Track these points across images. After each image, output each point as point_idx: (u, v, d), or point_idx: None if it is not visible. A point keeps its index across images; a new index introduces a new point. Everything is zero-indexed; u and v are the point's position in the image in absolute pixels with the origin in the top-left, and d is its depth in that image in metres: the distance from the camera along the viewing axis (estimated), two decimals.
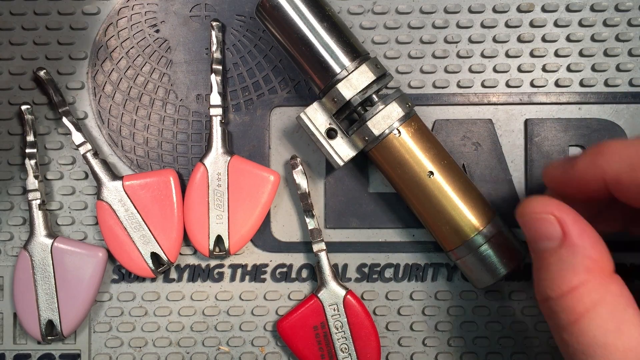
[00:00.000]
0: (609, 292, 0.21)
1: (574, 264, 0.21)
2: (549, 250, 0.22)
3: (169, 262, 0.30)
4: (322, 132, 0.28)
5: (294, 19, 0.27)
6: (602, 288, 0.21)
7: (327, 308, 0.30)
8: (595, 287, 0.21)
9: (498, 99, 0.31)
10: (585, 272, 0.21)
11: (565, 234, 0.21)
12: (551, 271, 0.21)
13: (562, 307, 0.21)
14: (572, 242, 0.21)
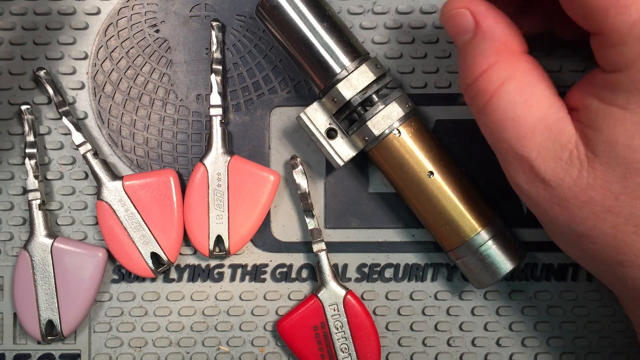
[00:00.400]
0: (517, 70, 0.22)
1: (484, 50, 0.22)
2: (466, 42, 0.23)
3: (169, 262, 0.30)
4: (322, 132, 0.28)
5: (294, 19, 0.27)
6: (510, 66, 0.22)
7: (327, 308, 0.30)
8: (504, 66, 0.22)
9: None
10: (494, 54, 0.22)
11: (477, 24, 0.22)
12: (467, 61, 0.23)
13: (476, 91, 0.23)
14: (482, 30, 0.22)
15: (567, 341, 0.31)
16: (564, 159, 0.21)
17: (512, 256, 0.27)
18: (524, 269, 0.31)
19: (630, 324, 0.28)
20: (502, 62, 0.22)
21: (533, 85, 0.22)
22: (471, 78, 0.23)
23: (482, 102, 0.23)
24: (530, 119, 0.22)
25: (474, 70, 0.23)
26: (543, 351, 0.31)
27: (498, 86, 0.22)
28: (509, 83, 0.22)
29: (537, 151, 0.22)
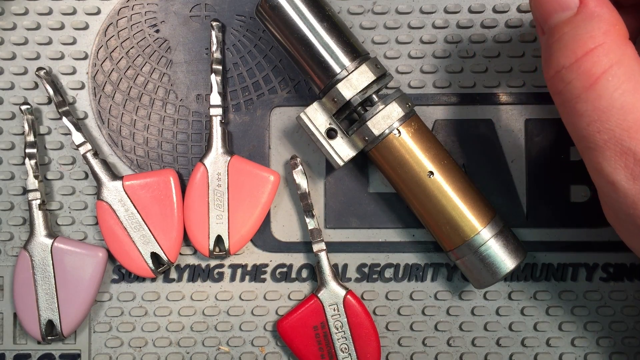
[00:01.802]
0: (626, 54, 0.20)
1: (591, 28, 0.20)
2: (565, 20, 0.21)
3: (169, 262, 0.30)
4: (322, 132, 0.28)
5: (294, 19, 0.27)
6: (620, 50, 0.20)
7: (327, 308, 0.30)
8: (613, 48, 0.20)
9: (498, 99, 0.31)
10: (603, 35, 0.20)
11: (583, 1, 0.20)
12: (566, 40, 0.21)
13: (578, 73, 0.20)
14: (588, 8, 0.20)
15: (567, 341, 0.31)
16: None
17: (512, 256, 0.27)
18: (523, 269, 0.31)
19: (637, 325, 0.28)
20: (610, 44, 0.20)
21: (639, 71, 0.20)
22: (572, 58, 0.20)
23: (583, 86, 0.20)
24: (639, 107, 0.20)
25: (577, 50, 0.20)
26: (543, 351, 0.31)
27: (606, 69, 0.20)
28: (618, 67, 0.20)
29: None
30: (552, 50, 0.21)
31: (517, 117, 0.31)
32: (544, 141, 0.31)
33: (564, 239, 0.31)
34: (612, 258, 0.31)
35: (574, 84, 0.20)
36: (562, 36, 0.21)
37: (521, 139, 0.31)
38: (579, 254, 0.31)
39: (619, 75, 0.20)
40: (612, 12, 0.21)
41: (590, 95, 0.20)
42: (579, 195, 0.31)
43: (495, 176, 0.31)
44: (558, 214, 0.31)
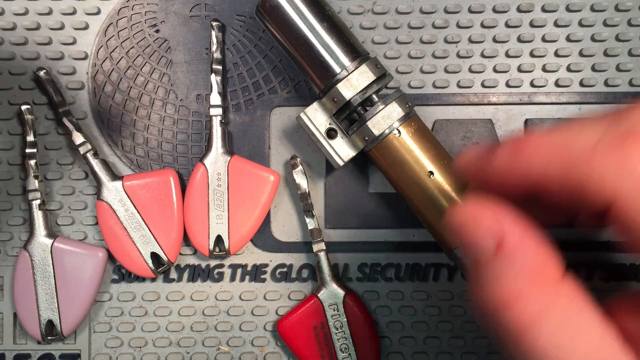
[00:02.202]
0: (557, 299, 0.18)
1: (512, 274, 0.18)
2: (484, 259, 0.18)
3: (169, 262, 0.30)
4: (322, 132, 0.28)
5: (294, 19, 0.27)
6: (548, 296, 0.18)
7: (327, 308, 0.30)
8: (540, 296, 0.18)
9: (498, 99, 0.31)
10: (527, 282, 0.18)
11: (501, 243, 0.18)
12: (488, 283, 0.18)
13: (506, 321, 0.18)
14: (509, 250, 0.18)
15: None
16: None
17: None
18: None
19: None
20: (537, 292, 0.18)
21: (577, 314, 0.18)
22: (496, 304, 0.18)
23: (513, 334, 0.18)
24: (580, 355, 0.17)
25: (498, 296, 0.18)
26: None
27: (535, 319, 0.18)
28: (549, 316, 0.17)
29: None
30: (476, 287, 0.19)
31: (517, 117, 0.31)
32: None
33: (564, 238, 0.31)
34: (612, 258, 0.31)
35: (505, 330, 0.18)
36: (484, 277, 0.18)
37: None
38: (579, 254, 0.31)
39: (551, 324, 0.17)
40: (538, 250, 0.18)
41: (521, 343, 0.18)
42: None
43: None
44: None
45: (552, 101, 0.31)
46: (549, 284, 0.18)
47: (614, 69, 0.31)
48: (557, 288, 0.18)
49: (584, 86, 0.31)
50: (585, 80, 0.31)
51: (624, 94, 0.31)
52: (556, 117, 0.31)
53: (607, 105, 0.31)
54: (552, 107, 0.31)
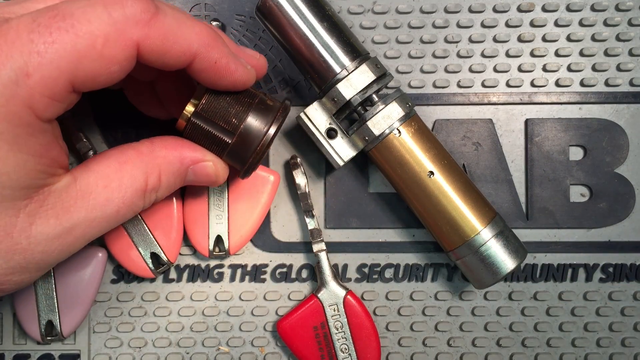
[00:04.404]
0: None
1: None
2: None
3: (168, 262, 0.30)
4: (322, 132, 0.28)
5: (294, 18, 0.27)
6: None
7: (327, 308, 0.30)
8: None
9: (498, 98, 0.31)
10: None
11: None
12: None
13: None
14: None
15: (566, 342, 0.31)
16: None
17: (512, 256, 0.27)
18: (524, 269, 0.31)
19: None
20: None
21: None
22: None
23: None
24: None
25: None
26: (543, 352, 0.31)
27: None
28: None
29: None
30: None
31: (517, 117, 0.31)
32: (544, 141, 0.31)
33: (564, 239, 0.31)
34: (612, 258, 0.31)
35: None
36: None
37: (521, 139, 0.31)
38: (579, 254, 0.31)
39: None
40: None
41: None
42: (579, 195, 0.31)
43: (495, 176, 0.31)
44: (558, 214, 0.31)
45: (553, 101, 0.31)
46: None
47: (614, 68, 0.31)
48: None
49: (584, 86, 0.31)
50: (585, 80, 0.31)
51: (624, 94, 0.31)
52: (556, 117, 0.31)
53: (607, 105, 0.31)
54: (553, 106, 0.31)
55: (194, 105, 0.24)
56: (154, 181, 0.23)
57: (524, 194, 0.31)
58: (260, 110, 0.24)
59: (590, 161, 0.31)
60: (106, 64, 0.19)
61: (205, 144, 0.25)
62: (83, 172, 0.22)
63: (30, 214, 0.20)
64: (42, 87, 0.18)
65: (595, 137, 0.31)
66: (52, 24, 0.19)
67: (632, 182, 0.31)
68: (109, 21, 0.19)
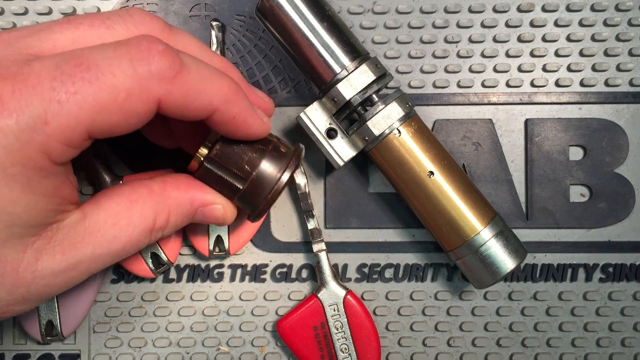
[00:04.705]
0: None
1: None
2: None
3: (168, 262, 0.30)
4: (322, 132, 0.28)
5: (294, 18, 0.27)
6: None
7: (327, 308, 0.30)
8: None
9: (498, 98, 0.31)
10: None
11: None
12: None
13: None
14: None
15: (566, 342, 0.31)
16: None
17: (512, 256, 0.27)
18: (524, 269, 0.31)
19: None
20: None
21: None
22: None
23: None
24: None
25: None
26: (543, 352, 0.31)
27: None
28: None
29: None
30: None
31: (517, 117, 0.31)
32: (543, 141, 0.31)
33: (564, 239, 0.31)
34: (612, 258, 0.31)
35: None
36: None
37: (521, 139, 0.31)
38: (579, 254, 0.31)
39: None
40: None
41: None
42: (579, 195, 0.31)
43: (495, 176, 0.31)
44: (558, 214, 0.31)
45: (553, 101, 0.31)
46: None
47: (614, 68, 0.31)
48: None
49: (584, 86, 0.31)
50: (585, 80, 0.31)
51: (624, 94, 0.31)
52: (556, 117, 0.31)
53: (607, 105, 0.31)
54: (553, 107, 0.31)
55: (208, 148, 0.24)
56: (162, 221, 0.23)
57: (524, 194, 0.31)
58: (273, 157, 0.24)
59: (590, 161, 0.31)
60: (126, 116, 0.19)
61: (217, 187, 0.24)
62: (93, 209, 0.22)
63: (37, 250, 0.20)
64: (59, 135, 0.18)
65: (595, 137, 0.31)
66: (76, 73, 0.18)
67: (632, 182, 0.31)
68: (134, 76, 0.19)
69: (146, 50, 0.19)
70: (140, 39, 0.20)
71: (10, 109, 0.18)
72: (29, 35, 0.20)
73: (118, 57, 0.19)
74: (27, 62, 0.19)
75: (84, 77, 0.18)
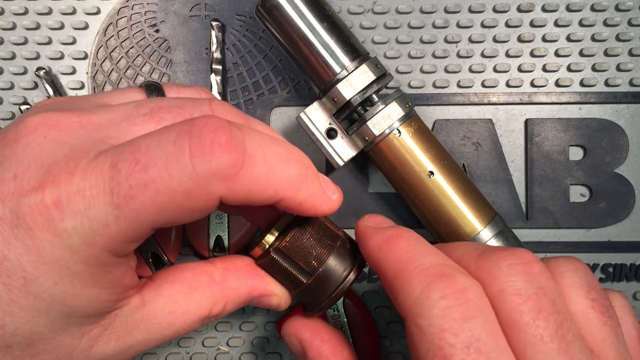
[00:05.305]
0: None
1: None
2: (300, 357, 0.24)
3: (168, 262, 0.30)
4: (322, 132, 0.28)
5: (294, 18, 0.27)
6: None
7: None
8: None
9: (498, 98, 0.31)
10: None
11: (305, 353, 0.23)
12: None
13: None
14: (310, 358, 0.23)
15: None
16: None
17: None
18: None
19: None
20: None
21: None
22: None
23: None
24: None
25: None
26: None
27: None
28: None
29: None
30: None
31: (517, 117, 0.31)
32: (543, 141, 0.31)
33: (564, 239, 0.31)
34: (612, 258, 0.31)
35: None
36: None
37: (521, 139, 0.31)
38: (579, 254, 0.31)
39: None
40: (334, 356, 0.24)
41: None
42: (579, 195, 0.31)
43: (495, 176, 0.31)
44: (558, 214, 0.31)
45: (553, 101, 0.31)
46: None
47: (614, 68, 0.31)
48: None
49: (584, 86, 0.31)
50: (585, 80, 0.31)
51: (624, 94, 0.31)
52: (556, 117, 0.31)
53: (607, 105, 0.31)
54: (553, 107, 0.31)
55: (276, 238, 0.23)
56: (219, 310, 0.23)
57: (524, 194, 0.31)
58: (340, 255, 0.23)
59: (590, 161, 0.31)
60: (186, 212, 0.19)
61: (279, 277, 0.24)
62: (154, 297, 0.21)
63: (93, 337, 0.20)
64: (121, 236, 0.18)
65: (595, 137, 0.31)
66: (133, 175, 0.17)
67: (632, 182, 0.31)
68: (192, 176, 0.18)
69: (208, 143, 0.18)
70: (203, 127, 0.18)
71: (75, 210, 0.17)
72: (108, 126, 0.20)
73: (177, 154, 0.18)
74: (95, 157, 0.18)
75: (139, 179, 0.17)
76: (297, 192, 0.21)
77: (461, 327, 0.17)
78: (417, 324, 0.18)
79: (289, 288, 0.24)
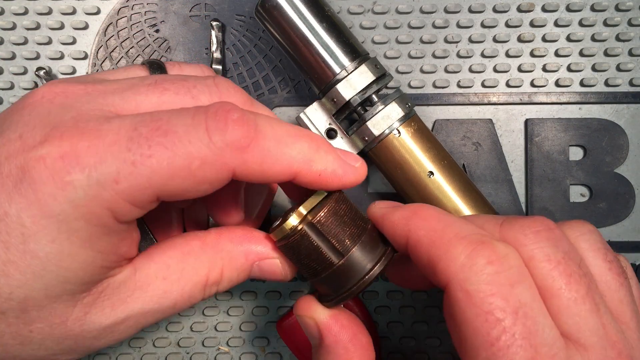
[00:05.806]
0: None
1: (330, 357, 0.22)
2: (315, 346, 0.23)
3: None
4: (322, 132, 0.28)
5: (294, 19, 0.27)
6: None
7: None
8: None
9: (498, 98, 0.31)
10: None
11: (322, 337, 0.22)
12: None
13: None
14: (325, 344, 0.22)
15: None
16: None
17: None
18: None
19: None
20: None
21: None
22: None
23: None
24: None
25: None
26: None
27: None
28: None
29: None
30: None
31: (517, 117, 0.31)
32: (543, 141, 0.31)
33: None
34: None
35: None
36: (317, 357, 0.23)
37: (521, 139, 0.31)
38: None
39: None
40: (348, 350, 0.22)
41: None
42: (579, 195, 0.31)
43: (495, 176, 0.31)
44: (558, 214, 0.31)
45: (553, 101, 0.31)
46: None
47: (614, 68, 0.31)
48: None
49: (584, 86, 0.31)
50: (585, 80, 0.31)
51: (624, 94, 0.31)
52: (556, 117, 0.31)
53: (607, 105, 0.31)
54: (553, 107, 0.31)
55: (306, 213, 0.21)
56: (216, 275, 0.22)
57: (524, 194, 0.31)
58: (372, 238, 0.22)
59: (590, 161, 0.31)
60: (197, 183, 0.19)
61: (303, 260, 0.22)
62: (145, 263, 0.21)
63: (87, 304, 0.20)
64: (128, 195, 0.18)
65: (595, 137, 0.31)
66: (154, 137, 0.18)
67: (632, 182, 0.31)
68: (209, 145, 0.18)
69: (222, 119, 0.19)
70: (218, 108, 0.19)
71: (83, 164, 0.17)
72: (114, 93, 0.20)
73: (195, 125, 0.18)
74: (107, 119, 0.19)
75: (160, 141, 0.18)
76: (311, 163, 0.21)
77: (510, 292, 0.18)
78: (464, 289, 0.18)
79: (310, 273, 0.22)
